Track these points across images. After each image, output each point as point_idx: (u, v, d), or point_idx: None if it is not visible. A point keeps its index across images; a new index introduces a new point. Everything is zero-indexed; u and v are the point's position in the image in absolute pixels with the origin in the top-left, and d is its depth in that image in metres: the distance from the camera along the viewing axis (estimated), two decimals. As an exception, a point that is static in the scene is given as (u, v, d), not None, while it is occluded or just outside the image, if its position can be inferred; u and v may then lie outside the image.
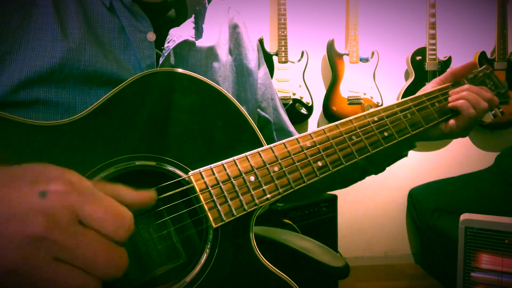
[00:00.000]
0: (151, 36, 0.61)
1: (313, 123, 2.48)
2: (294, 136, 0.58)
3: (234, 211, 0.51)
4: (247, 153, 0.54)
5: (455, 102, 0.72)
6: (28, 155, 0.44)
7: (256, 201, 0.52)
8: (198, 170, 0.51)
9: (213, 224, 0.50)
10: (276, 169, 0.55)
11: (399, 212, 2.66)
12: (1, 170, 0.35)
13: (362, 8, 2.45)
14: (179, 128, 0.53)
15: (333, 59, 2.37)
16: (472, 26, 2.63)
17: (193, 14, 0.68)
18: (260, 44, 2.24)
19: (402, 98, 2.42)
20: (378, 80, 2.40)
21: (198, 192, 0.50)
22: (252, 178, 0.53)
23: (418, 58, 2.44)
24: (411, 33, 2.55)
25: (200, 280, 0.49)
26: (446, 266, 2.20)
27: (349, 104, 2.35)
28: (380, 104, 2.39)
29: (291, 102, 2.29)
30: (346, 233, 2.56)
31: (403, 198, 2.62)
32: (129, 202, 0.39)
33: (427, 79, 2.44)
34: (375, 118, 0.65)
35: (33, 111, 0.53)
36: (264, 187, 0.53)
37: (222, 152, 0.54)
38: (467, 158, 2.68)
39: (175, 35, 0.62)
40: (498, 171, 2.55)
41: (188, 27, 0.65)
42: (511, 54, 2.51)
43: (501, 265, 1.36)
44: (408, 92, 2.44)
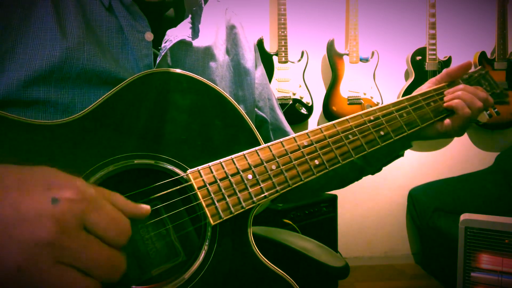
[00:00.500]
0: (149, 36, 0.61)
1: (313, 123, 2.48)
2: (291, 135, 0.59)
3: (232, 208, 0.51)
4: (244, 151, 0.55)
5: (450, 101, 0.72)
6: (28, 153, 0.45)
7: (254, 198, 0.53)
8: (196, 168, 0.52)
9: (211, 221, 0.50)
10: (273, 167, 0.55)
11: (399, 212, 2.66)
12: (8, 173, 0.36)
13: (362, 8, 2.46)
14: (177, 127, 0.54)
15: (333, 59, 2.38)
16: (472, 26, 2.63)
17: (190, 14, 0.68)
18: (260, 44, 2.28)
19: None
20: (378, 80, 2.41)
21: (196, 189, 0.50)
22: (250, 176, 0.54)
23: (418, 58, 2.45)
24: (411, 33, 2.55)
25: (198, 277, 0.50)
26: (446, 266, 2.20)
27: (349, 104, 2.36)
28: (380, 104, 2.40)
29: (291, 102, 2.29)
30: (346, 233, 2.56)
31: (403, 198, 2.62)
32: (124, 213, 0.41)
33: (427, 79, 2.40)
34: (371, 118, 0.65)
35: (32, 111, 0.54)
36: (261, 185, 0.54)
37: (220, 150, 0.55)
38: (467, 158, 2.68)
39: (172, 35, 0.63)
40: (498, 171, 2.55)
41: (185, 27, 0.66)
42: (511, 54, 2.51)
43: (501, 265, 1.36)
44: (408, 92, 2.44)
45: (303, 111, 2.32)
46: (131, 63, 0.61)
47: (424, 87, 0.77)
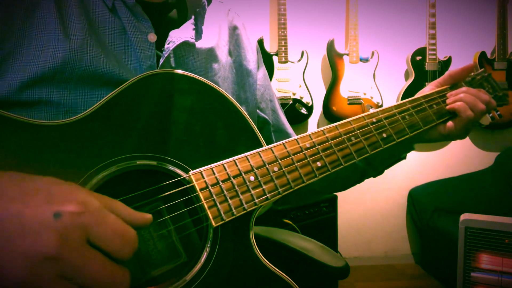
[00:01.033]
0: (152, 37, 0.61)
1: (313, 123, 2.48)
2: (294, 137, 0.59)
3: (234, 210, 0.51)
4: (247, 153, 0.55)
5: (453, 104, 0.72)
6: (30, 154, 0.45)
7: (256, 200, 0.53)
8: (198, 169, 0.52)
9: (213, 223, 0.50)
10: (275, 169, 0.55)
11: (399, 212, 2.66)
12: (10, 183, 0.36)
13: (362, 8, 2.46)
14: (180, 128, 0.54)
15: (333, 59, 2.38)
16: (472, 26, 2.63)
17: (192, 15, 0.68)
18: (260, 44, 2.28)
19: (402, 98, 2.44)
20: (378, 80, 2.41)
21: (198, 191, 0.50)
22: (252, 178, 0.53)
23: (418, 58, 2.44)
24: (411, 33, 2.55)
25: (200, 278, 0.50)
26: (446, 266, 2.20)
27: (349, 104, 2.35)
28: (380, 104, 2.39)
29: (291, 102, 2.29)
30: (346, 233, 2.57)
31: (403, 198, 2.62)
32: (126, 222, 0.40)
33: (427, 79, 2.44)
34: (374, 120, 0.65)
35: (35, 111, 0.54)
36: (263, 187, 0.54)
37: (222, 152, 0.55)
38: (467, 158, 2.68)
39: (175, 37, 0.63)
40: (498, 171, 2.55)
41: (188, 28, 0.66)
42: (511, 54, 2.51)
43: (501, 265, 1.36)
44: (408, 92, 2.44)
45: (303, 111, 2.32)
46: (134, 64, 0.61)
47: (427, 89, 0.77)
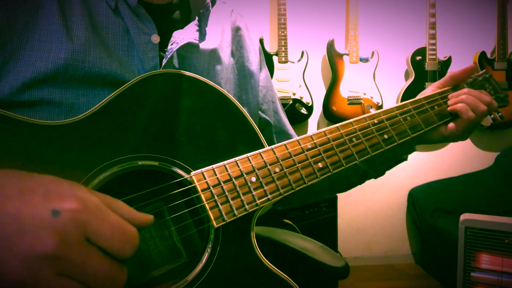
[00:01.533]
0: (155, 38, 0.61)
1: (313, 123, 2.48)
2: (295, 138, 0.59)
3: (235, 211, 0.51)
4: (248, 154, 0.55)
5: (455, 105, 0.72)
6: (32, 154, 0.45)
7: (257, 201, 0.53)
8: (200, 170, 0.52)
9: (215, 224, 0.50)
10: (277, 170, 0.55)
11: (399, 212, 2.66)
12: (8, 181, 0.36)
13: (362, 8, 2.45)
14: (182, 129, 0.54)
15: (333, 59, 2.38)
16: (472, 26, 2.63)
17: (196, 16, 0.68)
18: (260, 44, 2.26)
19: (402, 98, 2.44)
20: (378, 80, 2.41)
21: (200, 191, 0.50)
22: (253, 179, 0.53)
23: (418, 58, 2.44)
24: (411, 33, 2.55)
25: (201, 279, 0.50)
26: (446, 266, 2.20)
27: (349, 104, 2.35)
28: (380, 104, 2.39)
29: (291, 102, 2.29)
30: (346, 233, 2.57)
31: (403, 198, 2.63)
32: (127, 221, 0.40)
33: (427, 79, 2.44)
34: (375, 121, 0.65)
35: (37, 112, 0.54)
36: (265, 188, 0.54)
37: (224, 153, 0.55)
38: (467, 158, 2.68)
39: (178, 37, 0.63)
40: (498, 171, 2.55)
41: (191, 29, 0.66)
42: (511, 54, 2.52)
43: (501, 265, 1.36)
44: (408, 92, 2.44)
45: (303, 111, 2.32)
46: (137, 65, 0.61)
47: (428, 91, 0.77)
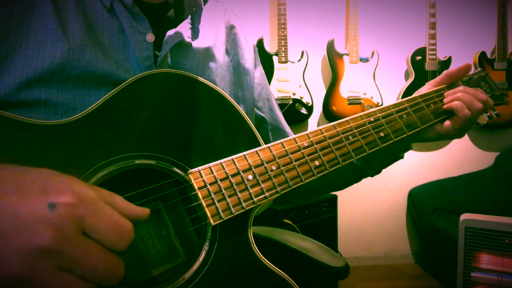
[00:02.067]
0: (150, 37, 0.62)
1: (313, 123, 2.48)
2: (292, 136, 0.59)
3: (232, 208, 0.51)
4: (245, 152, 0.55)
5: (450, 103, 0.72)
6: (29, 154, 0.45)
7: (254, 199, 0.53)
8: (196, 168, 0.52)
9: (212, 222, 0.50)
10: (273, 168, 0.55)
11: (399, 212, 2.66)
12: (5, 175, 0.36)
13: (362, 8, 2.46)
14: (178, 127, 0.54)
15: (333, 59, 2.38)
16: (472, 26, 2.63)
17: (189, 15, 0.68)
18: (260, 44, 2.28)
19: (402, 98, 2.43)
20: (378, 80, 2.41)
21: (197, 189, 0.50)
22: (250, 177, 0.54)
23: (418, 58, 2.44)
24: (411, 33, 2.55)
25: (198, 277, 0.50)
26: (446, 266, 2.20)
27: (349, 104, 2.36)
28: (380, 104, 2.39)
29: (291, 102, 2.29)
30: (346, 233, 2.57)
31: (403, 198, 2.62)
32: (122, 215, 0.40)
33: (427, 79, 2.44)
34: (371, 119, 0.66)
35: (33, 111, 0.54)
36: (262, 186, 0.54)
37: (221, 151, 0.55)
38: (467, 158, 2.68)
39: (171, 36, 0.63)
40: (498, 171, 2.55)
41: (184, 28, 0.66)
42: (511, 54, 2.51)
43: (501, 265, 1.36)
44: (408, 92, 2.44)
45: (303, 111, 2.32)
46: (132, 64, 0.61)
47: (424, 89, 0.77)
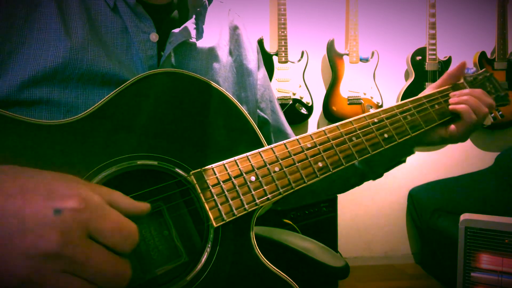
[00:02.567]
0: (154, 37, 0.61)
1: (313, 123, 2.48)
2: (295, 137, 0.59)
3: (234, 210, 0.51)
4: (248, 153, 0.55)
5: (456, 106, 0.72)
6: (30, 153, 0.44)
7: (257, 201, 0.53)
8: (199, 169, 0.51)
9: (214, 223, 0.50)
10: (276, 169, 0.55)
11: (399, 212, 2.66)
12: (8, 178, 0.36)
13: (362, 8, 2.45)
14: (181, 128, 0.53)
15: (333, 59, 2.38)
16: (472, 26, 2.63)
17: (193, 15, 0.68)
18: (260, 44, 2.27)
19: (402, 98, 2.44)
20: (378, 80, 2.40)
21: (199, 191, 0.50)
22: (253, 178, 0.53)
23: (418, 58, 2.44)
24: (411, 33, 2.55)
25: (200, 279, 0.50)
26: (446, 266, 2.20)
27: (349, 104, 2.35)
28: (380, 104, 2.39)
29: (291, 102, 2.29)
30: (346, 233, 2.56)
31: (403, 198, 2.62)
32: (124, 211, 0.41)
33: (427, 79, 2.44)
34: (375, 120, 0.65)
35: (36, 111, 0.53)
36: (264, 187, 0.54)
37: (224, 152, 0.55)
38: (467, 158, 2.68)
39: (175, 36, 0.63)
40: (498, 171, 2.55)
41: (188, 28, 0.66)
42: (511, 54, 2.51)
43: (501, 265, 1.36)
44: (408, 92, 2.44)
45: (303, 111, 2.31)
46: (136, 64, 0.60)
47: (427, 91, 0.77)
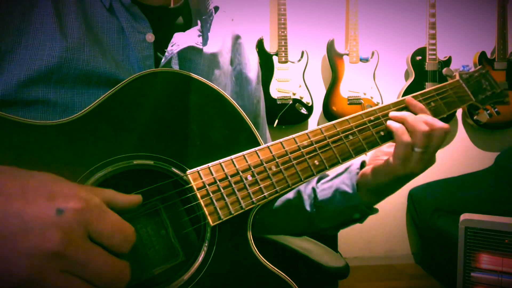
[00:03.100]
0: (149, 37, 0.61)
1: (313, 123, 2.48)
2: (292, 136, 0.59)
3: (231, 209, 0.51)
4: (244, 152, 0.55)
5: (390, 123, 0.64)
6: (27, 154, 0.45)
7: (254, 199, 0.53)
8: (195, 169, 0.52)
9: (211, 222, 0.50)
10: (273, 167, 0.55)
11: (399, 212, 2.66)
12: (9, 179, 0.36)
13: (362, 8, 2.45)
14: (177, 127, 0.54)
15: (333, 59, 2.38)
16: (472, 26, 2.63)
17: (198, 21, 0.68)
18: (260, 44, 2.28)
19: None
20: (378, 80, 2.40)
21: (195, 190, 0.50)
22: (250, 177, 0.53)
23: (418, 58, 2.44)
24: (411, 33, 2.55)
25: (197, 278, 0.50)
26: (446, 266, 2.20)
27: (349, 104, 2.35)
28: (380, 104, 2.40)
29: (291, 102, 2.29)
30: (346, 233, 2.56)
31: (403, 198, 2.62)
32: (120, 206, 0.42)
33: (427, 79, 2.44)
34: (372, 118, 0.65)
35: (31, 111, 0.53)
36: (261, 185, 0.54)
37: (220, 151, 0.55)
38: (467, 158, 2.68)
39: (179, 40, 0.63)
40: (498, 171, 2.55)
41: (193, 33, 0.66)
42: (511, 54, 2.51)
43: (501, 265, 1.36)
44: (408, 92, 2.43)
45: (303, 111, 2.32)
46: (132, 64, 0.61)
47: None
